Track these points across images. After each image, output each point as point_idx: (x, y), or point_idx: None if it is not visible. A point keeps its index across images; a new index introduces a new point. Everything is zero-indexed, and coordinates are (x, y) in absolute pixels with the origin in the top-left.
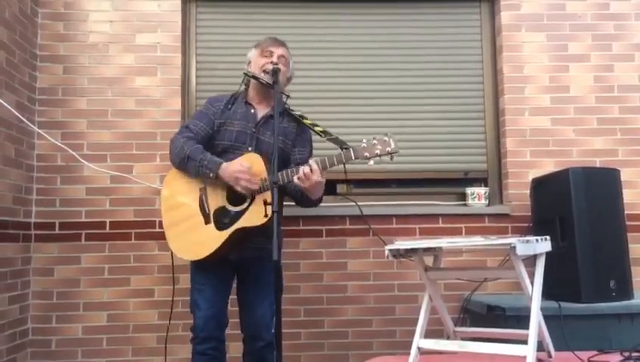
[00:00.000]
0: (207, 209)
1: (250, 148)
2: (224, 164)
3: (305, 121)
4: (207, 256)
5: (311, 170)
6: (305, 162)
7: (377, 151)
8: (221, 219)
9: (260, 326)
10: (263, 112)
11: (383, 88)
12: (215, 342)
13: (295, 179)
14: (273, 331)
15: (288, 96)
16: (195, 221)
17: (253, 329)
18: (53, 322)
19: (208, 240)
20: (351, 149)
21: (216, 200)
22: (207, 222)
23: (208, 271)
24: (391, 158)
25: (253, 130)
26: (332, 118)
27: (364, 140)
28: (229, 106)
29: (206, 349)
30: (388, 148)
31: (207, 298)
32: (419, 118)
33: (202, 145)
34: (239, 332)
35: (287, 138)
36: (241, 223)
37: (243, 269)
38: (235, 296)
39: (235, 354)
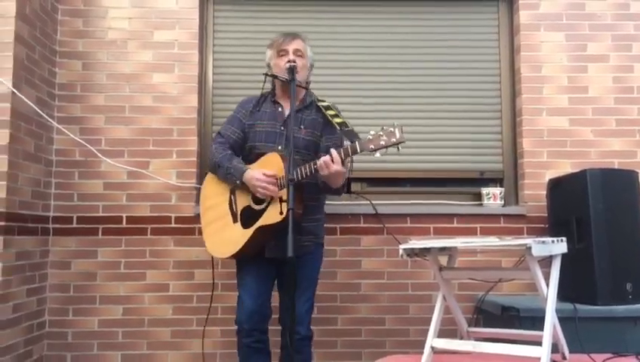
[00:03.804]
0: (235, 208)
1: (279, 147)
2: (247, 172)
3: (328, 112)
4: (235, 254)
5: (332, 158)
6: (336, 148)
7: (382, 143)
8: (247, 217)
9: (295, 319)
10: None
11: (399, 87)
12: (258, 334)
13: (318, 163)
14: (311, 327)
15: (306, 88)
16: (225, 220)
17: (288, 321)
18: (69, 315)
19: (235, 238)
20: (356, 142)
21: (243, 199)
22: (235, 221)
23: (250, 266)
24: (397, 149)
25: (282, 128)
26: (347, 117)
27: (371, 132)
28: (258, 108)
29: (251, 342)
30: (393, 139)
31: (250, 292)
32: (435, 117)
33: (236, 148)
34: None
35: (316, 129)
36: (261, 221)
37: (283, 264)
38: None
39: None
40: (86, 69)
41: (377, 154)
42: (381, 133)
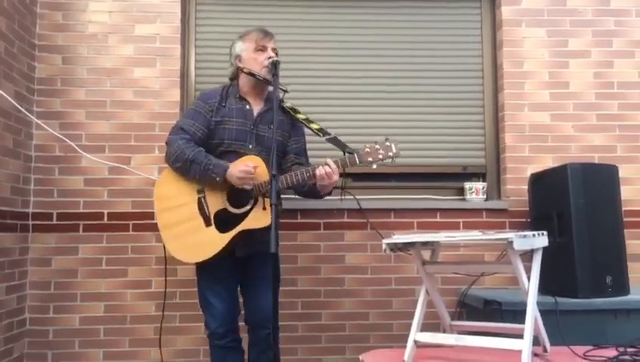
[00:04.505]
0: (207, 211)
1: (250, 146)
2: (230, 168)
3: (298, 115)
4: (211, 258)
5: (332, 170)
6: (301, 151)
7: (380, 156)
8: (223, 221)
9: (264, 316)
10: (259, 107)
11: (382, 82)
12: (233, 334)
13: (317, 173)
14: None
15: (286, 91)
16: (195, 223)
17: (257, 319)
18: (50, 312)
19: (211, 242)
20: (355, 154)
21: (217, 202)
22: (207, 224)
23: (216, 269)
24: (392, 162)
25: (252, 126)
26: (331, 112)
27: (367, 145)
28: (223, 103)
29: (226, 342)
30: (390, 153)
31: (221, 295)
32: (418, 113)
33: (200, 145)
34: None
35: (284, 130)
36: (246, 225)
37: (247, 262)
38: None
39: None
40: (66, 63)
41: (374, 166)
42: (378, 146)
